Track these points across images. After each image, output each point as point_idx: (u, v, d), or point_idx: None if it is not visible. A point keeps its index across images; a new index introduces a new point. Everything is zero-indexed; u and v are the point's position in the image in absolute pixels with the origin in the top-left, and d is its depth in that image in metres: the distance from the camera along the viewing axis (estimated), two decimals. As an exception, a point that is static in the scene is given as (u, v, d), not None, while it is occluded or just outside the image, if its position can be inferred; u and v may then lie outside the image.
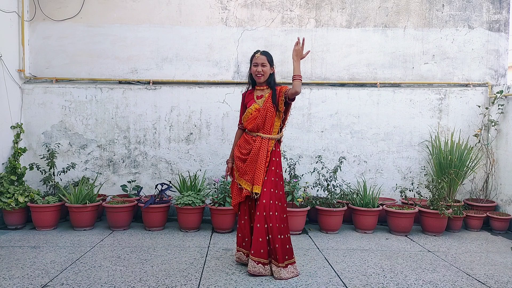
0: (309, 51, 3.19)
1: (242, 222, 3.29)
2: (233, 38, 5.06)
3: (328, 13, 5.09)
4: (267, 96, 3.19)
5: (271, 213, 3.04)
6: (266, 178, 3.11)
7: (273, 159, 3.17)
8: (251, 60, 3.23)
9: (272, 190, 3.09)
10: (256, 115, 3.18)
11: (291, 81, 5.14)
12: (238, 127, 3.44)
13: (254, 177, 3.11)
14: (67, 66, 5.03)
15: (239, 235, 3.32)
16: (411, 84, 5.10)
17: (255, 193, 3.08)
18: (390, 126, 5.05)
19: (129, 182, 4.91)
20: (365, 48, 5.09)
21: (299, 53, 3.08)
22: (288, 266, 3.08)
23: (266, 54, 3.20)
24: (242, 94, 3.41)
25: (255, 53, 3.21)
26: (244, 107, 3.34)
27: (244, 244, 3.30)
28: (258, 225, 3.03)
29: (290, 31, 5.07)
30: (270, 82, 3.24)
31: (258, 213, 3.04)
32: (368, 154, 5.06)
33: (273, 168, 3.15)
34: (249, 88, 3.38)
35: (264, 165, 3.11)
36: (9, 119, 4.74)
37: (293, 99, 3.17)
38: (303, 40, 3.09)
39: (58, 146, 4.92)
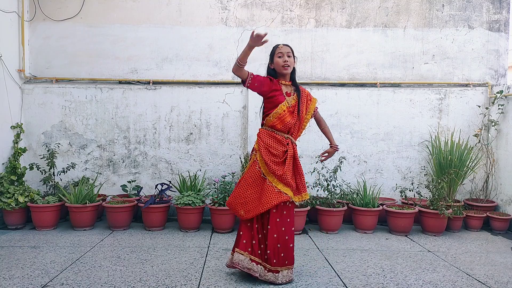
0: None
1: (257, 226, 2.98)
2: (233, 38, 5.06)
3: (328, 13, 5.09)
4: (295, 96, 3.02)
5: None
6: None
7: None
8: (272, 54, 3.02)
9: None
10: (288, 115, 2.96)
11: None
12: (248, 72, 2.91)
13: (298, 184, 3.01)
14: (67, 66, 5.03)
15: (254, 242, 2.95)
16: (411, 84, 5.10)
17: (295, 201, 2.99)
18: (390, 126, 5.05)
19: (129, 182, 4.91)
20: (365, 48, 5.10)
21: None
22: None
23: (288, 45, 3.03)
24: (271, 77, 3.01)
25: (276, 45, 3.01)
26: (267, 87, 2.95)
27: (260, 252, 2.95)
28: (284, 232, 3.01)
29: (290, 31, 5.07)
30: (294, 78, 3.08)
31: (288, 219, 2.98)
32: (368, 154, 5.06)
33: None
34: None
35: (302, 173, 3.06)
36: (9, 119, 4.74)
37: None
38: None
39: (58, 146, 4.92)
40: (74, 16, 5.01)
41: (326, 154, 3.25)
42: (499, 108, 4.86)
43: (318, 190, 4.79)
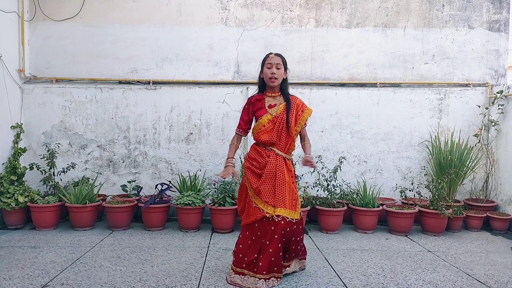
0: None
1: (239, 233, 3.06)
2: (233, 38, 5.06)
3: (328, 13, 5.09)
4: (282, 107, 2.95)
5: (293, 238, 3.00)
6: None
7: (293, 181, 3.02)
8: (263, 62, 2.97)
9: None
10: (271, 128, 2.94)
11: (291, 81, 5.16)
12: (236, 133, 3.13)
13: (275, 199, 2.86)
14: (67, 66, 5.03)
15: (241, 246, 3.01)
16: (411, 84, 5.10)
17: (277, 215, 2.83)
18: (390, 126, 5.05)
19: (129, 182, 4.91)
20: (365, 48, 5.09)
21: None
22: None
23: (280, 55, 2.96)
24: (248, 99, 3.08)
25: (268, 54, 2.97)
26: (250, 113, 3.06)
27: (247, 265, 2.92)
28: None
29: (290, 31, 5.07)
30: (284, 88, 3.00)
31: (259, 233, 2.93)
32: (368, 154, 5.06)
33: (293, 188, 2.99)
34: (256, 93, 3.09)
35: (286, 186, 2.90)
36: (9, 119, 4.74)
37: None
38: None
39: (58, 146, 4.92)
40: (74, 16, 5.01)
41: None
42: (499, 108, 4.86)
43: (318, 190, 4.79)
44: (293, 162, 3.16)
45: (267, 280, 2.86)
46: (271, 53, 2.97)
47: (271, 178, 2.91)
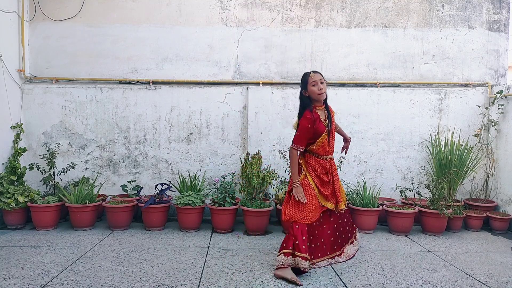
0: None
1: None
2: (233, 38, 5.06)
3: (328, 13, 5.09)
4: (327, 121, 3.33)
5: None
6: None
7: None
8: (305, 82, 3.26)
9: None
10: (327, 140, 3.31)
11: (291, 81, 5.16)
12: (297, 149, 3.27)
13: (337, 196, 3.40)
14: (67, 66, 5.03)
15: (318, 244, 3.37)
16: (411, 84, 5.10)
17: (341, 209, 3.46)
18: (390, 126, 5.05)
19: (129, 182, 4.91)
20: (365, 48, 5.10)
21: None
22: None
23: (319, 72, 3.30)
24: (309, 118, 3.20)
25: (307, 74, 3.27)
26: (311, 132, 3.23)
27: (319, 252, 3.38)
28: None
29: (290, 31, 5.08)
30: (326, 101, 3.38)
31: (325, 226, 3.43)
32: (368, 154, 5.06)
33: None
34: (306, 110, 3.26)
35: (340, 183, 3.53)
36: (9, 119, 4.74)
37: None
38: None
39: (58, 146, 4.92)
40: (74, 16, 5.01)
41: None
42: (499, 108, 4.86)
43: (318, 190, 4.78)
44: None
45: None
46: (309, 72, 3.27)
47: (332, 183, 3.40)
